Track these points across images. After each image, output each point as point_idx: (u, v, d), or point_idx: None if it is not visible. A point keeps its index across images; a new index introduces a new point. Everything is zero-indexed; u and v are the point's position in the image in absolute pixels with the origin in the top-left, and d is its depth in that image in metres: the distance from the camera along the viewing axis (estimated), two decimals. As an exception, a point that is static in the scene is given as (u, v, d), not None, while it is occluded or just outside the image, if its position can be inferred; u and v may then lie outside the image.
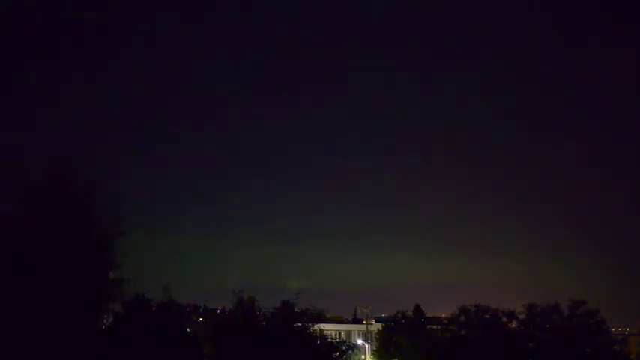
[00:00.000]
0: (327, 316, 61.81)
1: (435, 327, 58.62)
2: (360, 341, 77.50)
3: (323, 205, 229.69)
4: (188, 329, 39.68)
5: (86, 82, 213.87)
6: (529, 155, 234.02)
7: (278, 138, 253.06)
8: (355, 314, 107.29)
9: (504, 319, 47.67)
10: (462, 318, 49.57)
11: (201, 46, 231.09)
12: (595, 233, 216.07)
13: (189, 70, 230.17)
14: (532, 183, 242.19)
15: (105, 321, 31.08)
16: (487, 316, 48.00)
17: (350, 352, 39.71)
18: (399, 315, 66.52)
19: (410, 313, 67.48)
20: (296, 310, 35.61)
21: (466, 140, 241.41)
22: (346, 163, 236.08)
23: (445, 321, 59.07)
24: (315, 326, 36.61)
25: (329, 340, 38.21)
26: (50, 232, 26.56)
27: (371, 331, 77.60)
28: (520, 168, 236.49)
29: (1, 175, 28.87)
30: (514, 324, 47.56)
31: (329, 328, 57.35)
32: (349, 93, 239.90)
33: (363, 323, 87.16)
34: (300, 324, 35.06)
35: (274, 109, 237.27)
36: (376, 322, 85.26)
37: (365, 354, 75.89)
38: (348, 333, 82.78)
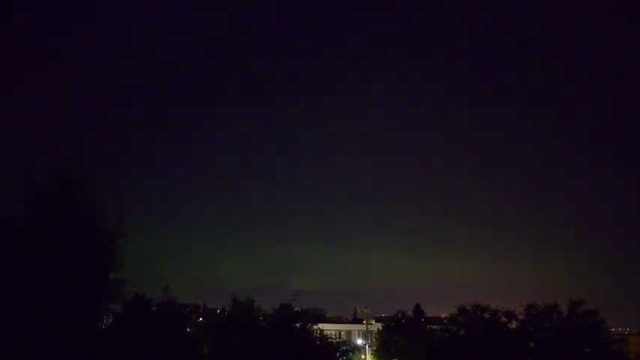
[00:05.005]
0: (327, 316, 61.80)
1: (435, 327, 58.61)
2: (360, 341, 77.50)
3: (323, 207, 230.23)
4: (188, 329, 39.70)
5: (89, 84, 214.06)
6: (529, 156, 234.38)
7: (279, 140, 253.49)
8: (355, 314, 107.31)
9: (504, 319, 47.60)
10: (462, 318, 49.51)
11: (203, 47, 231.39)
12: (595, 233, 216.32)
13: (190, 71, 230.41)
14: (532, 183, 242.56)
15: (105, 321, 31.12)
16: (486, 316, 47.93)
17: (350, 353, 39.47)
18: (399, 315, 66.56)
19: (410, 313, 67.55)
20: (296, 310, 35.58)
21: (466, 141, 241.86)
22: (347, 165, 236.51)
23: (445, 321, 59.00)
24: (315, 326, 36.57)
25: (329, 340, 38.12)
26: (52, 232, 26.64)
27: (371, 331, 77.54)
28: (520, 168, 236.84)
29: (5, 176, 28.95)
30: (514, 324, 47.48)
31: (329, 328, 57.34)
32: (348, 94, 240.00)
33: (363, 323, 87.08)
34: (299, 324, 35.04)
35: (274, 112, 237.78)
36: (376, 322, 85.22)
37: (365, 354, 75.84)
38: (348, 333, 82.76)
